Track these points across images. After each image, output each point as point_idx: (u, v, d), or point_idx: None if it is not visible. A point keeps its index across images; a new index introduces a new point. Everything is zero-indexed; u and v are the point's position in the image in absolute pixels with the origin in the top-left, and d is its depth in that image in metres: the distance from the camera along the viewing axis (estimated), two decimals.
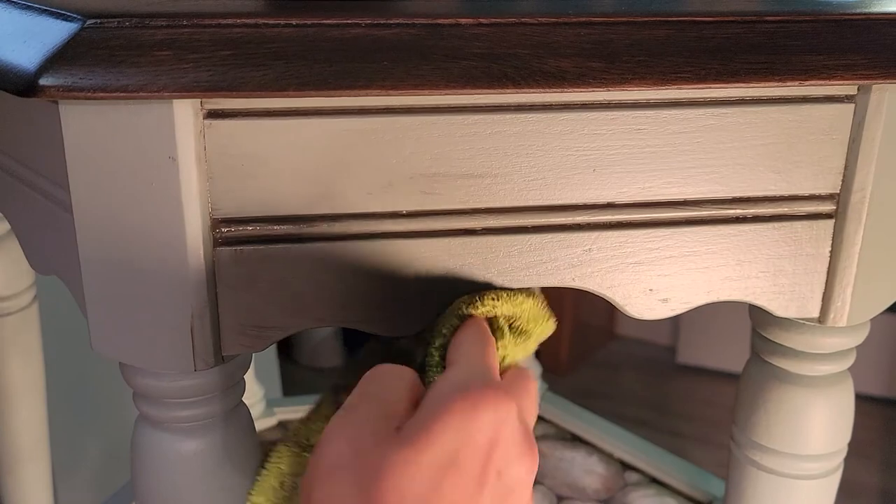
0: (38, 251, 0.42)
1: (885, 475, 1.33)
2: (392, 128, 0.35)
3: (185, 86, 0.31)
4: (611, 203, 0.38)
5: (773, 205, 0.40)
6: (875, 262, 0.41)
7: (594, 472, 0.86)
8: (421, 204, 0.36)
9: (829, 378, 0.46)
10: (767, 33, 0.36)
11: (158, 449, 0.39)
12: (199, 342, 0.35)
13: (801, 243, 0.41)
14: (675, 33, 0.36)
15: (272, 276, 0.36)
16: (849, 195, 0.40)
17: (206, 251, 0.35)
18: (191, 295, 0.35)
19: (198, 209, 0.34)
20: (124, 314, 0.36)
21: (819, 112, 0.39)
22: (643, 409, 1.51)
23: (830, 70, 0.36)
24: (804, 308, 0.42)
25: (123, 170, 0.33)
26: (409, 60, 0.33)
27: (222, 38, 0.32)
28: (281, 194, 0.35)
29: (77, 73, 0.31)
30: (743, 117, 0.38)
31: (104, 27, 0.31)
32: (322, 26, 0.33)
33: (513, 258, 0.38)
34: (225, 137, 0.34)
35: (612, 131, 0.37)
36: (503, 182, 0.37)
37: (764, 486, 0.47)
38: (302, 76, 0.32)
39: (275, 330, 0.37)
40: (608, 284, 0.39)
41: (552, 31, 0.34)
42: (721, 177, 0.39)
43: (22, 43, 0.33)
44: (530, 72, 0.34)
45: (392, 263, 0.37)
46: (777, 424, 0.46)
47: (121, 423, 1.11)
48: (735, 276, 0.41)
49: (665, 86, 0.35)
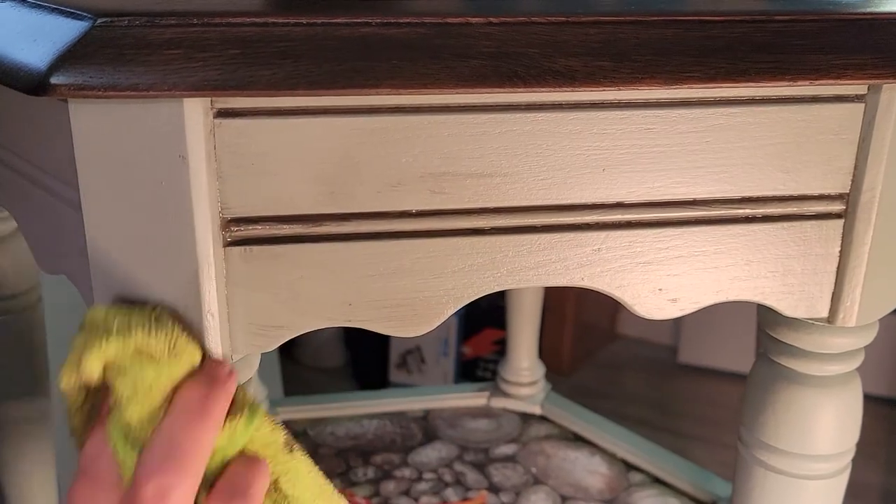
0: (46, 250, 0.42)
1: (889, 475, 1.33)
2: (401, 127, 0.35)
3: (194, 84, 0.31)
4: (620, 203, 0.38)
5: (783, 204, 0.40)
6: (884, 262, 0.41)
7: (597, 473, 0.86)
8: (430, 203, 0.36)
9: (837, 378, 0.45)
10: (776, 33, 0.36)
11: None
12: (210, 342, 0.35)
13: (810, 243, 0.41)
14: (683, 33, 0.35)
15: (282, 275, 0.36)
16: (858, 195, 0.40)
17: (216, 250, 0.35)
18: (201, 294, 0.35)
19: (207, 208, 0.34)
20: None
21: (829, 112, 0.39)
22: (645, 408, 1.51)
23: (840, 69, 0.36)
24: (813, 308, 0.42)
25: (133, 169, 0.33)
26: (418, 59, 0.33)
27: (232, 36, 0.32)
28: (290, 193, 0.35)
29: (87, 71, 0.31)
30: (752, 117, 0.38)
31: (114, 26, 0.31)
32: (331, 25, 0.33)
33: (522, 258, 0.38)
34: (234, 136, 0.34)
35: (621, 131, 0.37)
36: (512, 181, 0.37)
37: (772, 486, 0.47)
38: (311, 75, 0.32)
39: (285, 329, 0.37)
40: (617, 284, 0.39)
41: (561, 31, 0.34)
42: (730, 176, 0.39)
43: (32, 42, 0.33)
44: (540, 71, 0.33)
45: (401, 263, 0.37)
46: (785, 424, 0.46)
47: None
48: (744, 275, 0.40)
49: (674, 85, 0.35)
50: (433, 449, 0.89)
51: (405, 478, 0.84)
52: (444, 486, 0.83)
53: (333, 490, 0.36)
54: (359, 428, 0.93)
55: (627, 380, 1.62)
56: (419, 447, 0.90)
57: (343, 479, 0.84)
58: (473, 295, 0.38)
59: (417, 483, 0.84)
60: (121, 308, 0.34)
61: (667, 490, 0.83)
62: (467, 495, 0.82)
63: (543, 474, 0.85)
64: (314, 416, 0.94)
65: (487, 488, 0.83)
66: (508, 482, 0.84)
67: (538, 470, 0.86)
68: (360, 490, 0.82)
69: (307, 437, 0.91)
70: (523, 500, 0.81)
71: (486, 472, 0.85)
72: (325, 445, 0.90)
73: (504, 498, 0.82)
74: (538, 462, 0.87)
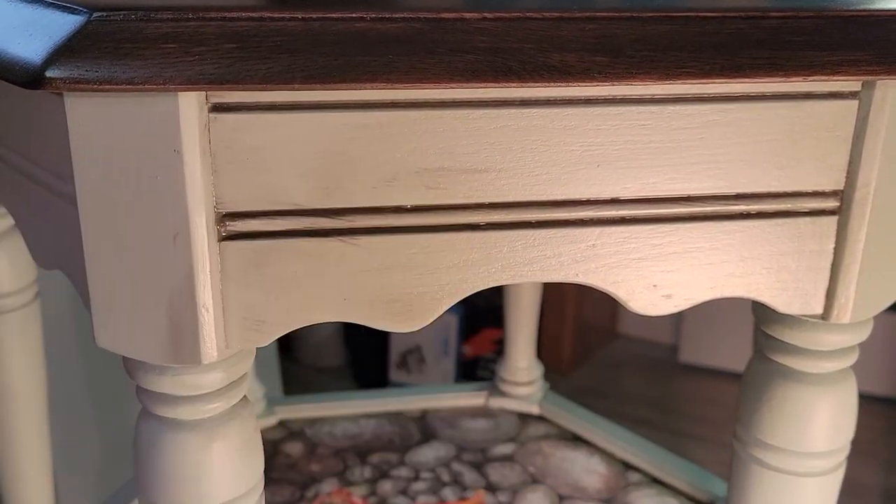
0: (41, 246, 0.42)
1: (887, 474, 1.33)
2: (396, 122, 0.35)
3: (190, 78, 0.31)
4: (615, 198, 0.38)
5: (777, 201, 0.40)
6: (879, 259, 0.41)
7: (596, 472, 0.86)
8: (425, 198, 0.36)
9: (832, 375, 0.46)
10: (771, 29, 0.36)
11: (161, 444, 0.39)
12: (205, 336, 0.35)
13: (804, 240, 0.41)
14: (679, 28, 0.36)
15: (277, 270, 0.36)
16: (852, 192, 0.40)
17: (211, 245, 0.35)
18: (196, 289, 0.35)
19: (202, 203, 0.34)
20: (129, 308, 0.36)
21: (823, 108, 0.39)
22: (645, 408, 1.51)
23: (835, 66, 0.36)
24: (807, 305, 0.42)
25: (128, 163, 0.33)
26: (413, 54, 0.33)
27: (227, 31, 0.32)
28: (285, 188, 0.35)
29: (83, 65, 0.31)
30: (747, 113, 0.38)
31: (110, 20, 0.31)
32: (327, 20, 0.33)
33: (517, 253, 0.38)
34: (230, 131, 0.34)
35: (616, 126, 0.37)
36: (507, 177, 0.37)
37: (767, 483, 0.47)
38: (307, 69, 0.32)
39: (279, 324, 0.37)
40: (612, 280, 0.39)
41: (556, 26, 0.35)
42: (725, 173, 0.39)
43: (28, 35, 0.33)
44: (535, 66, 0.34)
45: (396, 258, 0.37)
46: (780, 421, 0.46)
47: (122, 421, 1.11)
48: (738, 272, 0.41)
49: (669, 81, 0.35)
50: (431, 448, 0.89)
51: (402, 477, 0.85)
52: (441, 486, 0.83)
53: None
54: (356, 427, 0.93)
55: (627, 379, 1.62)
56: (417, 447, 0.90)
57: (340, 478, 0.84)
58: (468, 290, 0.38)
59: (415, 482, 0.84)
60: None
61: (665, 490, 0.83)
62: (465, 495, 0.82)
63: (541, 474, 0.85)
64: (312, 415, 0.94)
65: (485, 488, 0.83)
66: (506, 482, 0.84)
67: (536, 469, 0.86)
68: (358, 489, 0.82)
69: (305, 436, 0.91)
70: (521, 500, 0.81)
71: (484, 472, 0.85)
72: (323, 445, 0.90)
73: (501, 497, 0.82)
74: (536, 462, 0.87)
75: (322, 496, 0.81)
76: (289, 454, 0.88)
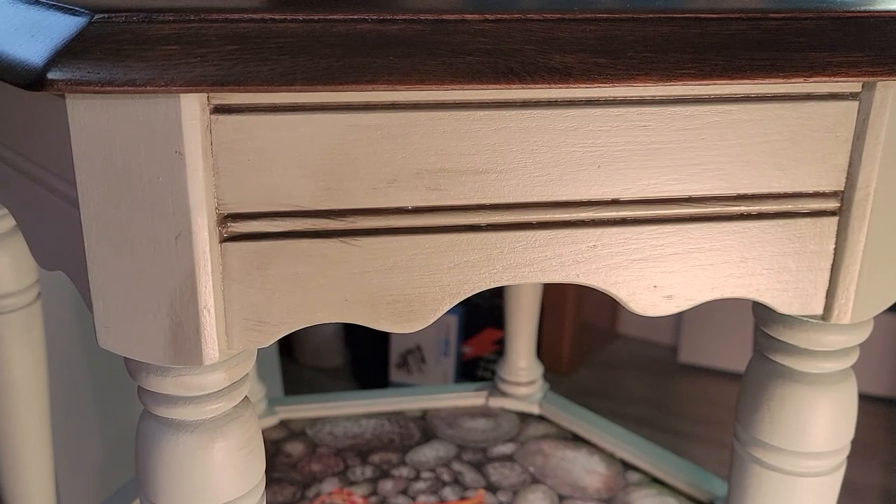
0: (43, 246, 0.42)
1: (887, 475, 1.33)
2: (397, 123, 0.35)
3: (192, 80, 0.31)
4: (615, 199, 0.38)
5: (777, 202, 0.40)
6: (879, 260, 0.41)
7: (595, 472, 0.86)
8: (426, 200, 0.37)
9: (832, 375, 0.46)
10: (772, 30, 0.36)
11: (163, 445, 0.39)
12: (206, 337, 0.35)
13: (804, 240, 0.41)
14: (679, 30, 0.36)
15: (278, 271, 0.36)
16: (853, 192, 0.40)
17: (213, 246, 0.35)
18: (198, 290, 0.35)
19: (204, 204, 0.34)
20: (130, 309, 0.36)
21: (823, 109, 0.39)
22: (645, 408, 1.51)
23: (835, 67, 0.36)
24: (808, 305, 0.42)
25: (130, 164, 0.34)
26: (415, 56, 0.33)
27: (229, 32, 0.32)
28: (286, 190, 0.35)
29: (85, 67, 0.31)
30: (747, 114, 0.38)
31: (112, 21, 0.32)
32: (328, 21, 0.33)
33: (517, 254, 0.38)
34: (231, 132, 0.34)
35: (616, 128, 0.37)
36: (508, 178, 0.37)
37: (767, 483, 0.47)
38: (308, 71, 0.32)
39: (281, 325, 0.37)
40: (612, 281, 0.39)
41: (557, 28, 0.35)
42: (725, 174, 0.39)
43: (30, 37, 0.33)
44: (535, 67, 0.34)
45: (397, 259, 0.37)
46: (780, 422, 0.46)
47: (124, 421, 1.11)
48: (739, 272, 0.41)
49: (670, 82, 0.35)
50: (431, 448, 0.89)
51: (403, 477, 0.85)
52: (441, 486, 0.83)
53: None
54: (357, 427, 0.93)
55: (627, 379, 1.62)
56: (417, 446, 0.90)
57: (341, 478, 0.84)
58: (469, 291, 0.38)
59: (415, 482, 0.84)
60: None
61: (665, 490, 0.83)
62: (465, 495, 0.82)
63: (541, 474, 0.85)
64: (312, 415, 0.94)
65: (485, 487, 0.83)
66: (506, 481, 0.84)
67: (536, 469, 0.86)
68: (358, 489, 0.83)
69: (306, 436, 0.91)
70: (521, 500, 0.81)
71: (484, 472, 0.86)
72: (324, 445, 0.90)
73: (502, 497, 0.82)
74: (536, 461, 0.87)
75: (323, 496, 0.82)
76: (290, 454, 0.88)
